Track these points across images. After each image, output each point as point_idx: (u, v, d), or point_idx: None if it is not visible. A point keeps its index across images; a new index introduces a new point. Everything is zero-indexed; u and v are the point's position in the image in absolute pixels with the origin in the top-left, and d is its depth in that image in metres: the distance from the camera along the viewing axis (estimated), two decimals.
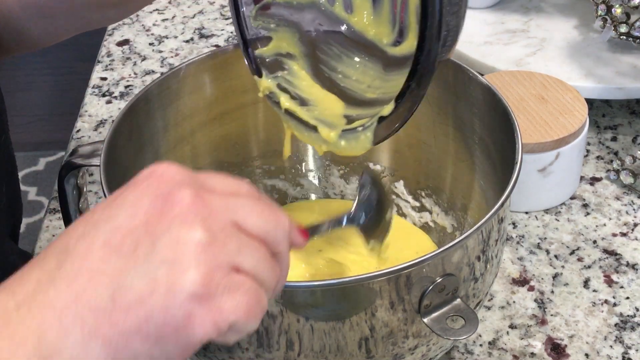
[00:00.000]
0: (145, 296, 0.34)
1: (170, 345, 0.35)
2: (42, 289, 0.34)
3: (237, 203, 0.37)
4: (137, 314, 0.34)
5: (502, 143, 0.59)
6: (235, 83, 0.69)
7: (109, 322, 0.34)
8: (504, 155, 0.58)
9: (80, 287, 0.34)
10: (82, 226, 0.36)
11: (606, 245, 0.72)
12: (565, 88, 0.77)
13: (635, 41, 0.80)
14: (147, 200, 0.36)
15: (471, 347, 0.64)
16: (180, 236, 0.35)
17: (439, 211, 0.70)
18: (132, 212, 0.36)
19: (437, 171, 0.69)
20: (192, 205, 0.36)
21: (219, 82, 0.68)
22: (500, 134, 0.60)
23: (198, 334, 0.35)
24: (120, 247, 0.35)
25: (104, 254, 0.35)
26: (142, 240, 0.35)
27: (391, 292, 0.49)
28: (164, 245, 0.35)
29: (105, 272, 0.34)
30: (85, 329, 0.34)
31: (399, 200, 0.72)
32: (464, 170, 0.67)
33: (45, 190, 2.08)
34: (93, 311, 0.34)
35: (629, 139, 0.84)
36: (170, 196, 0.36)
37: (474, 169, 0.65)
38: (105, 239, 0.35)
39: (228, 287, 0.35)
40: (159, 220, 0.35)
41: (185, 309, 0.34)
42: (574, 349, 0.64)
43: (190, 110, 0.67)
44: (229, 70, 0.68)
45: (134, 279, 0.34)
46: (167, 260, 0.34)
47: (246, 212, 0.37)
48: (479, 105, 0.63)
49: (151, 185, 0.36)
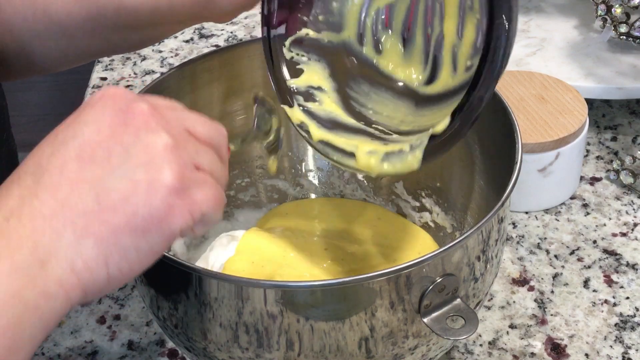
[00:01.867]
0: (129, 194, 0.38)
1: (155, 236, 0.38)
2: (26, 202, 0.37)
3: (183, 115, 0.43)
4: (124, 211, 0.38)
5: (502, 143, 0.59)
6: (235, 83, 0.69)
7: (98, 221, 0.37)
8: (504, 155, 0.58)
9: (63, 195, 0.37)
10: (48, 146, 0.39)
11: (606, 245, 0.72)
12: (565, 88, 0.77)
13: (635, 41, 0.80)
14: (108, 116, 0.39)
15: (471, 347, 0.64)
16: (149, 142, 0.39)
17: (439, 211, 0.70)
18: (96, 127, 0.39)
19: (437, 171, 0.69)
20: (152, 115, 0.40)
21: (219, 82, 0.68)
22: (500, 134, 0.60)
23: (178, 222, 0.39)
24: (93, 158, 0.38)
25: (80, 165, 0.38)
26: (113, 149, 0.38)
27: (391, 292, 0.49)
28: (136, 151, 0.39)
29: (85, 179, 0.38)
30: (77, 230, 0.37)
31: (398, 200, 0.72)
32: (464, 170, 0.67)
33: None
34: (81, 214, 0.37)
35: (629, 139, 0.84)
36: (130, 109, 0.40)
37: (474, 169, 0.65)
38: (77, 153, 0.38)
39: (196, 182, 0.40)
40: (124, 130, 0.39)
41: (166, 201, 0.38)
42: (574, 349, 0.64)
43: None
44: (228, 70, 0.68)
45: (114, 182, 0.38)
46: (143, 163, 0.38)
47: (193, 121, 0.43)
48: None
49: (107, 103, 0.40)
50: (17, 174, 0.39)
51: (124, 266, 0.38)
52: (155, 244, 0.39)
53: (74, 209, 0.37)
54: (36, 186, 0.38)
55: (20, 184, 0.38)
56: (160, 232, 0.38)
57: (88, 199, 0.37)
